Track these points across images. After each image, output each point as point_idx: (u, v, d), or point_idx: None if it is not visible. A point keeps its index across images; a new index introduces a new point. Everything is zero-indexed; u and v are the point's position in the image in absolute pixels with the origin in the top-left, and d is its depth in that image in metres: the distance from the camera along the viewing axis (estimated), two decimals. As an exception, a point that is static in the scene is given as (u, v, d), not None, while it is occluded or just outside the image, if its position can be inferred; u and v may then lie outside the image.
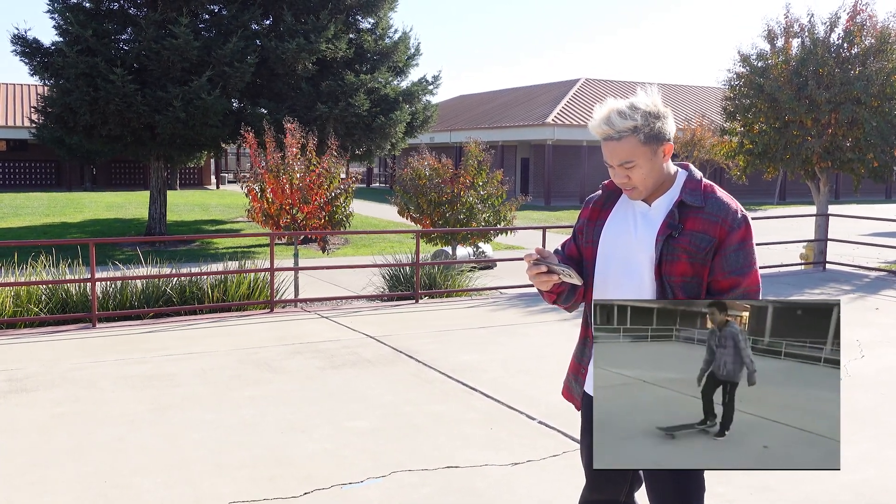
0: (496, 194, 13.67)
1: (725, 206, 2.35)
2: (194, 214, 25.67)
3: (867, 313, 8.89)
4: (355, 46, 20.11)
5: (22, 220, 22.37)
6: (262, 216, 11.16)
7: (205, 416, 5.16)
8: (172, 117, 16.90)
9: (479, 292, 10.41)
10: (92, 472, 4.25)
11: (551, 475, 4.24)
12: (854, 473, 4.27)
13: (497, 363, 6.61)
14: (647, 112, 2.30)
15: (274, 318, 8.49)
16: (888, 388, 5.97)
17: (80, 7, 17.99)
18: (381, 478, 4.19)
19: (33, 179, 39.10)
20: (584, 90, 36.75)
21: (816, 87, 12.59)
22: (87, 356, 6.76)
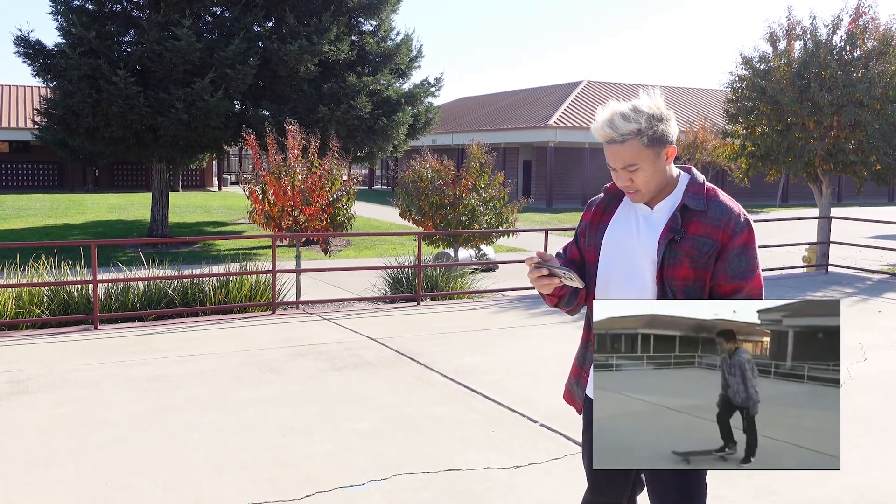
0: (498, 196, 13.66)
1: (728, 210, 2.35)
2: (196, 216, 25.68)
3: (870, 316, 8.87)
4: (357, 48, 20.11)
5: (24, 222, 22.39)
6: (264, 218, 11.15)
7: (206, 418, 5.16)
8: (175, 119, 16.91)
9: (481, 294, 10.40)
10: (92, 472, 4.25)
11: (553, 478, 4.23)
12: (857, 476, 4.25)
13: (499, 365, 6.60)
14: (650, 115, 2.30)
15: (276, 320, 8.48)
16: (891, 390, 5.95)
17: (82, 9, 18.02)
18: (383, 480, 4.18)
19: (36, 181, 39.15)
20: (586, 92, 36.75)
21: (819, 90, 12.57)
22: (89, 358, 6.76)
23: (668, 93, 38.95)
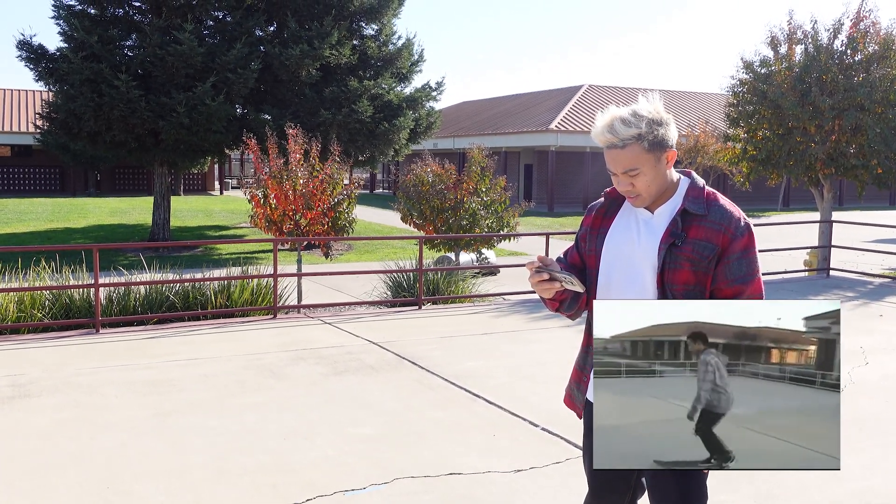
0: (499, 200, 13.67)
1: (728, 214, 2.35)
2: (198, 220, 25.71)
3: (871, 320, 8.87)
4: (359, 52, 20.15)
5: (26, 226, 22.42)
6: (266, 222, 11.16)
7: (207, 422, 5.16)
8: (176, 123, 16.94)
9: (482, 298, 10.40)
10: (93, 477, 4.25)
11: (554, 482, 4.23)
12: (859, 481, 4.25)
13: (500, 370, 6.60)
14: (650, 119, 2.30)
15: (277, 324, 8.49)
16: (892, 394, 5.95)
17: (85, 13, 18.07)
18: (384, 484, 4.18)
19: (37, 185, 39.20)
20: (587, 96, 36.77)
21: (820, 94, 12.58)
22: (91, 362, 6.76)
23: (669, 97, 38.96)
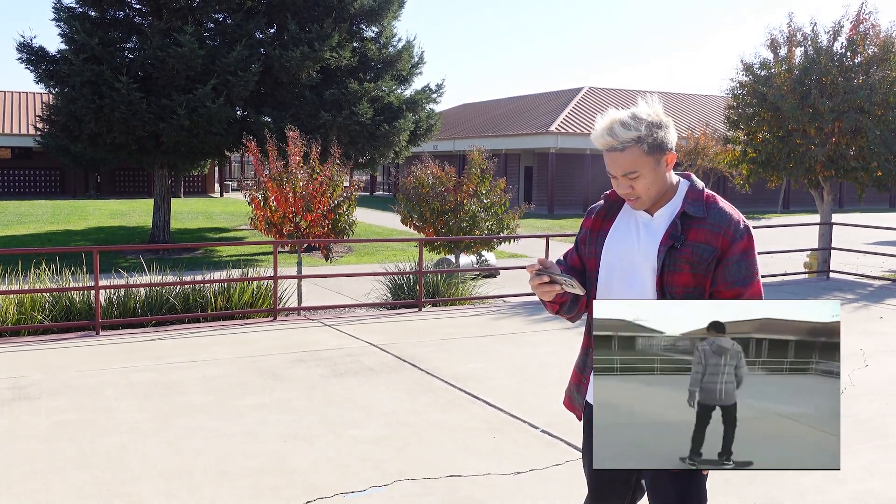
0: (499, 203, 13.68)
1: (728, 217, 2.36)
2: (198, 222, 25.71)
3: (871, 322, 8.87)
4: (359, 55, 20.15)
5: (26, 228, 22.43)
6: (266, 224, 11.17)
7: (207, 425, 5.16)
8: (177, 125, 16.96)
9: (482, 301, 10.40)
10: (94, 480, 4.25)
11: (554, 485, 4.23)
12: (859, 484, 4.25)
13: (500, 371, 6.60)
14: (649, 122, 2.31)
15: (277, 327, 8.49)
16: (892, 397, 5.95)
17: (85, 15, 18.08)
18: (384, 486, 4.18)
19: (38, 187, 39.22)
20: (587, 98, 36.79)
21: (819, 96, 12.59)
22: (91, 364, 6.76)
23: (669, 99, 39.01)
